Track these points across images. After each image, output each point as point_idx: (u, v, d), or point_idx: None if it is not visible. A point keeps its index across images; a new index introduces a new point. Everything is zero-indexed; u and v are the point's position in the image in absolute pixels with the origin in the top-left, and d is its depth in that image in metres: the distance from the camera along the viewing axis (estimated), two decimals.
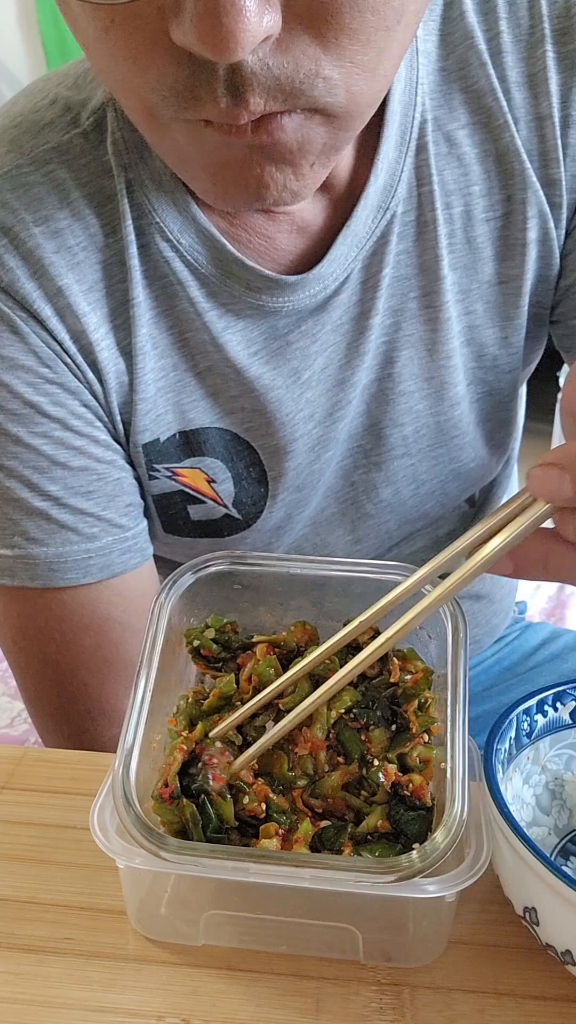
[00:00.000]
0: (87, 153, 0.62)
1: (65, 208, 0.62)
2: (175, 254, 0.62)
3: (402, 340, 0.67)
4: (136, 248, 0.62)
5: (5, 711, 1.28)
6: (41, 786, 0.59)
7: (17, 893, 0.52)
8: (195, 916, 0.49)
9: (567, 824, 0.55)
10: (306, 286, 0.63)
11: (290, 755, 0.51)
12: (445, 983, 0.47)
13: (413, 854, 0.43)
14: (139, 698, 0.49)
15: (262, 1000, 0.46)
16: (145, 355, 0.64)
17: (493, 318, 0.69)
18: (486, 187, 0.65)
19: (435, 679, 0.52)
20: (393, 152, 0.63)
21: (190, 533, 0.71)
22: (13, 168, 0.62)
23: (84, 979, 0.47)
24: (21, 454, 0.64)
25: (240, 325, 0.64)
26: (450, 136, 0.64)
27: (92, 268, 0.62)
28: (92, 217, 0.62)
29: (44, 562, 0.66)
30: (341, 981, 0.47)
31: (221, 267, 0.63)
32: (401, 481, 0.73)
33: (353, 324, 0.66)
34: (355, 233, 0.63)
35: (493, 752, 0.49)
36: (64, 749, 0.72)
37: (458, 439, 0.73)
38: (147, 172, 0.61)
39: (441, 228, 0.65)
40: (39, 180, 0.61)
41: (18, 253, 0.61)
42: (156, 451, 0.67)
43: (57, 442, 0.64)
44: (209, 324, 0.64)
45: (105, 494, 0.66)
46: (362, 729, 0.51)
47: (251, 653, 0.53)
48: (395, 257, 0.65)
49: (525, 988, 0.47)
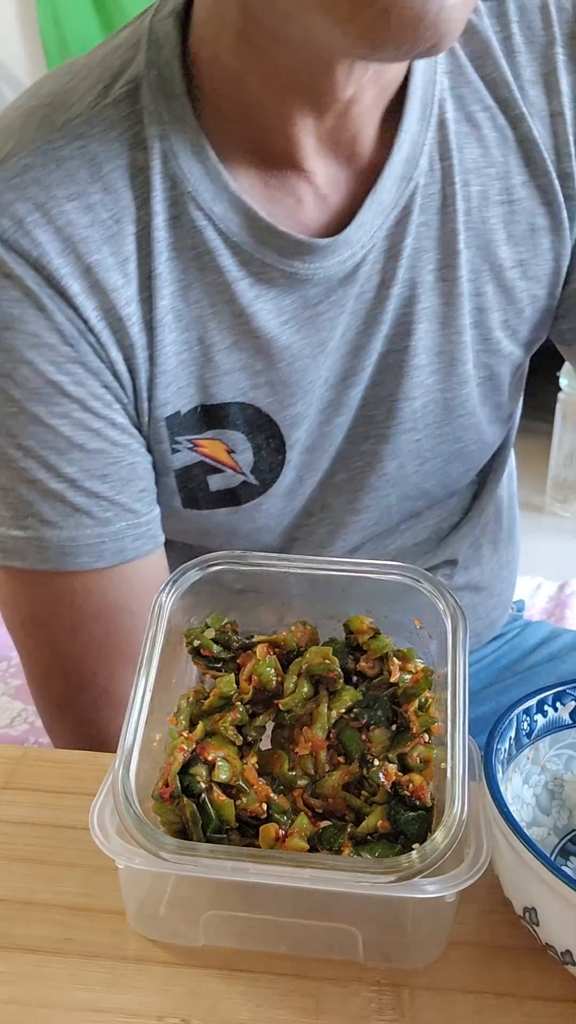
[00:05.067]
0: (117, 125, 0.62)
1: (97, 182, 0.62)
2: (208, 223, 0.63)
3: (419, 313, 0.69)
4: (166, 220, 0.63)
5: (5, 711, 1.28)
6: (41, 786, 0.59)
7: (16, 893, 0.52)
8: (195, 916, 0.49)
9: (567, 824, 0.55)
10: (336, 251, 0.64)
11: (291, 755, 0.51)
12: (445, 983, 0.47)
13: (413, 854, 0.43)
14: (139, 698, 0.49)
15: (262, 1000, 0.46)
16: (165, 327, 0.64)
17: (500, 302, 0.71)
18: (503, 170, 0.67)
19: (435, 679, 0.52)
20: (415, 125, 0.65)
21: (208, 505, 0.71)
22: (45, 143, 0.62)
23: (84, 980, 0.47)
24: (40, 434, 0.64)
25: (272, 294, 0.65)
26: (471, 116, 0.67)
27: (125, 241, 0.63)
28: (124, 190, 0.62)
29: (56, 545, 0.65)
30: (341, 981, 0.47)
31: (254, 235, 0.63)
32: (406, 456, 0.74)
33: (374, 293, 0.67)
34: (380, 201, 0.65)
35: (493, 752, 0.49)
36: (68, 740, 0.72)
37: (464, 418, 0.74)
38: (180, 143, 0.62)
39: (459, 204, 0.67)
40: (70, 154, 0.62)
41: (50, 228, 0.61)
42: (177, 423, 0.67)
43: (76, 423, 0.64)
44: (239, 294, 0.65)
45: (120, 478, 0.66)
46: (362, 729, 0.51)
47: (251, 653, 0.53)
48: (416, 228, 0.67)
49: (525, 988, 0.47)
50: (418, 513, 0.79)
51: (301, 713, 0.51)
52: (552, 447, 2.44)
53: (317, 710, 0.51)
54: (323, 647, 0.52)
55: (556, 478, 2.48)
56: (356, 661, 0.54)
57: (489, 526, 0.88)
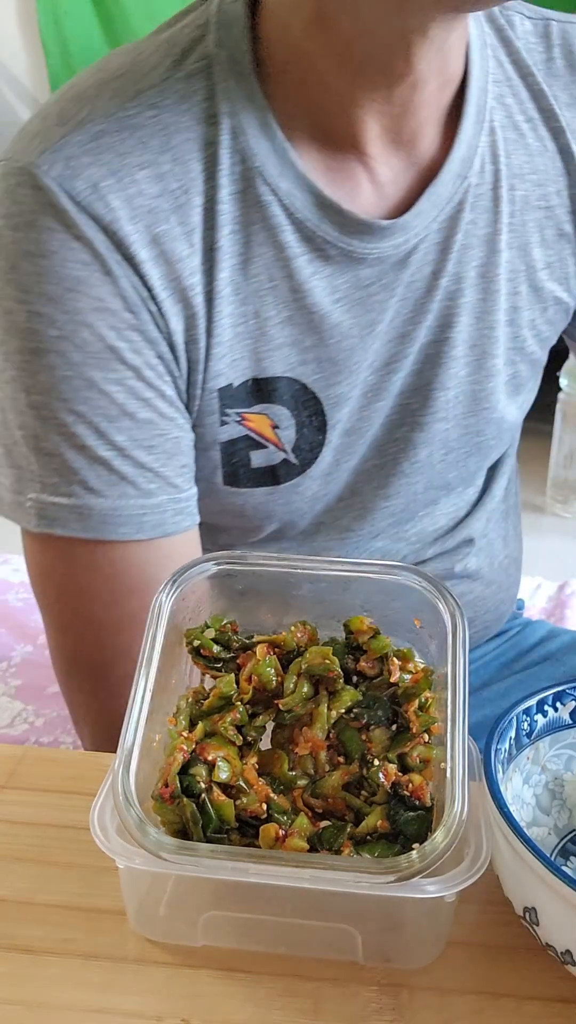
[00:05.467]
0: (189, 98, 0.64)
1: (168, 152, 0.63)
2: (273, 198, 0.65)
3: (461, 306, 0.72)
4: (231, 193, 0.64)
5: (5, 711, 1.27)
6: (41, 786, 0.59)
7: (16, 893, 0.52)
8: (194, 917, 0.49)
9: (567, 824, 0.55)
10: (394, 234, 0.67)
11: (290, 755, 0.51)
12: (444, 984, 0.47)
13: (413, 854, 0.43)
14: (139, 698, 0.49)
15: (261, 1001, 0.46)
16: (223, 300, 0.65)
17: (531, 302, 0.75)
18: (543, 178, 0.72)
19: (435, 679, 0.52)
20: (471, 128, 0.69)
21: (248, 482, 0.72)
22: (119, 110, 0.63)
23: (83, 980, 0.47)
24: (93, 399, 0.64)
25: (328, 271, 0.67)
26: (517, 125, 0.71)
27: (192, 212, 0.64)
28: (193, 162, 0.63)
29: (99, 513, 0.66)
30: (340, 982, 0.47)
31: (317, 212, 0.65)
32: (435, 444, 0.76)
33: (424, 282, 0.70)
34: (438, 194, 0.68)
35: (493, 752, 0.49)
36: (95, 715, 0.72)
37: (488, 412, 0.77)
38: (248, 120, 0.64)
39: (504, 206, 0.71)
40: (144, 122, 0.63)
41: (123, 195, 0.62)
42: (229, 396, 0.68)
43: (129, 391, 0.64)
44: (297, 269, 0.66)
45: (165, 451, 0.67)
46: (362, 729, 0.51)
47: (251, 653, 0.53)
48: (466, 225, 0.70)
49: (524, 988, 0.47)
50: (436, 501, 0.82)
51: (301, 713, 0.51)
52: (552, 447, 2.44)
53: (317, 710, 0.51)
54: (323, 647, 0.52)
55: (556, 478, 2.48)
56: (356, 661, 0.54)
57: (498, 521, 0.89)
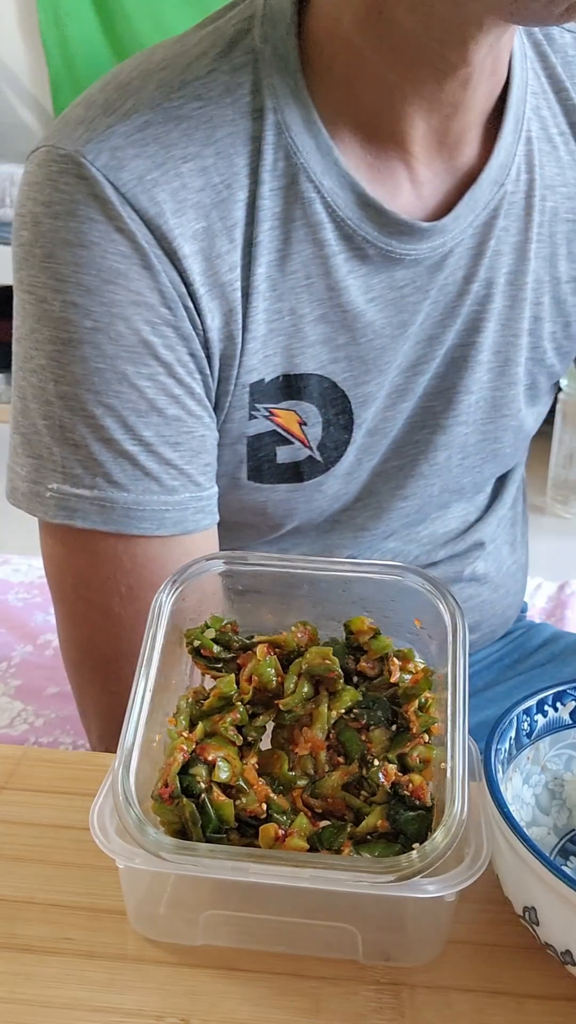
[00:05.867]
0: (234, 91, 0.64)
1: (212, 145, 0.63)
2: (317, 195, 0.65)
3: (489, 311, 0.73)
4: (273, 189, 0.64)
5: (5, 711, 1.27)
6: (41, 786, 0.59)
7: (16, 893, 0.52)
8: (194, 916, 0.49)
9: (567, 824, 0.55)
10: (432, 237, 0.67)
11: (290, 755, 0.51)
12: (444, 983, 0.47)
13: (413, 854, 0.43)
14: (139, 698, 0.49)
15: (261, 1000, 0.46)
16: (259, 295, 0.65)
17: (553, 314, 0.75)
18: (572, 191, 0.73)
19: (435, 679, 0.52)
20: (510, 136, 0.69)
21: (271, 479, 0.72)
22: (165, 100, 0.63)
23: (83, 979, 0.47)
24: (124, 393, 0.64)
25: (364, 270, 0.67)
26: (551, 137, 0.72)
27: (235, 207, 0.64)
28: (237, 156, 0.63)
29: (122, 507, 0.66)
30: (340, 981, 0.47)
31: (358, 211, 0.65)
32: (454, 448, 0.77)
33: (457, 286, 0.71)
34: (476, 199, 0.69)
35: (493, 752, 0.49)
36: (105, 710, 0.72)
37: (507, 419, 0.77)
38: (293, 116, 0.64)
39: (536, 216, 0.72)
40: (189, 114, 0.63)
41: (168, 188, 0.62)
42: (260, 391, 0.69)
43: (159, 387, 0.65)
44: (335, 268, 0.66)
45: (191, 448, 0.67)
46: (362, 729, 0.51)
47: (251, 653, 0.53)
48: (499, 232, 0.71)
49: (524, 988, 0.47)
50: (448, 504, 0.82)
51: (301, 713, 0.51)
52: (552, 447, 2.45)
53: (317, 710, 0.51)
54: (323, 647, 0.53)
55: (556, 478, 2.48)
56: (356, 661, 0.54)
57: (506, 527, 0.90)
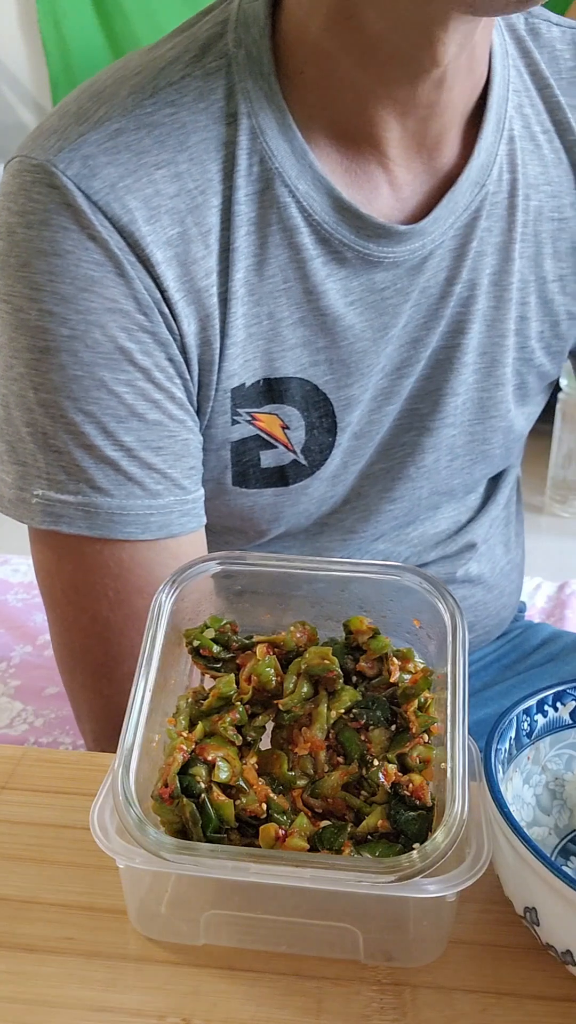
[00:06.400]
0: (207, 96, 0.63)
1: (185, 151, 0.63)
2: (292, 200, 0.64)
3: (473, 313, 0.72)
4: (248, 194, 0.64)
5: (5, 711, 1.27)
6: (41, 786, 0.59)
7: (17, 893, 0.52)
8: (195, 916, 0.49)
9: (567, 824, 0.55)
10: (411, 239, 0.67)
11: (290, 755, 0.51)
12: (446, 983, 0.47)
13: (413, 854, 0.43)
14: (139, 698, 0.49)
15: (263, 1000, 0.46)
16: (238, 300, 0.65)
17: (539, 313, 0.75)
18: (556, 189, 0.72)
19: (434, 679, 0.52)
20: (491, 136, 0.68)
21: (257, 483, 0.72)
22: (137, 107, 0.63)
23: (84, 979, 0.47)
24: (102, 400, 0.64)
25: (342, 274, 0.67)
26: (534, 136, 0.71)
27: (209, 213, 0.64)
28: (210, 162, 0.63)
29: (106, 512, 0.66)
30: (342, 981, 0.47)
31: (334, 214, 0.65)
32: (442, 449, 0.77)
33: (439, 289, 0.70)
34: (456, 201, 0.68)
35: (493, 752, 0.49)
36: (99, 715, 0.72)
37: (495, 420, 0.77)
38: (267, 121, 0.64)
39: (519, 216, 0.71)
40: (161, 120, 0.63)
41: (140, 195, 0.62)
42: (241, 395, 0.69)
43: (138, 392, 0.65)
44: (312, 272, 0.66)
45: (173, 452, 0.67)
46: (362, 729, 0.51)
47: (251, 653, 0.53)
48: (481, 233, 0.70)
49: (526, 988, 0.47)
50: (438, 506, 0.82)
51: (301, 713, 0.51)
52: (552, 447, 2.45)
53: (316, 710, 0.51)
54: (322, 647, 0.53)
55: (556, 478, 2.48)
56: (355, 661, 0.54)
57: (500, 527, 0.89)
